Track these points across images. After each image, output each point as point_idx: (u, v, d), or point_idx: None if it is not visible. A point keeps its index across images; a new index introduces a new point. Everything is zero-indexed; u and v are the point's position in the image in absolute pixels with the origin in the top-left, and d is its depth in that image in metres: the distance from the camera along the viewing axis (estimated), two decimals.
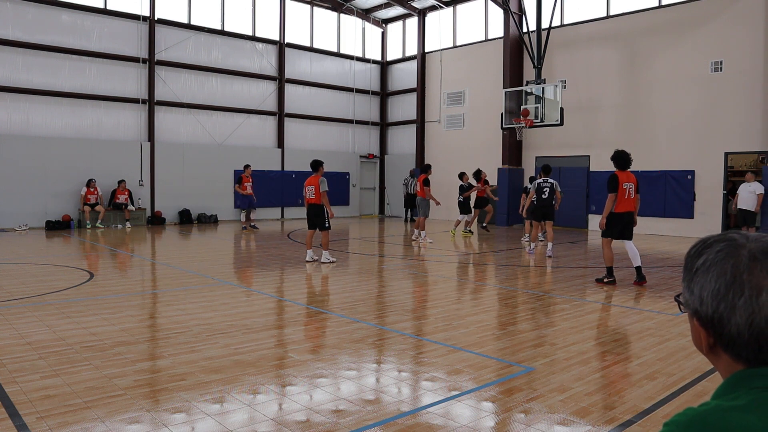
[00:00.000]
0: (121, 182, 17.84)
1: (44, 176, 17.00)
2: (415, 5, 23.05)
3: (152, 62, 18.91)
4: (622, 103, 17.66)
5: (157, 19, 19.04)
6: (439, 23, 22.98)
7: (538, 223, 12.58)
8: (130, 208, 17.99)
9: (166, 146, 19.27)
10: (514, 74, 19.82)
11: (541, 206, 12.30)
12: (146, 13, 18.79)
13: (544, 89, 17.07)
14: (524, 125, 17.11)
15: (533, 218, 12.74)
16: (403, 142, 24.84)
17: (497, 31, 20.95)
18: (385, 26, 25.36)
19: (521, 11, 19.31)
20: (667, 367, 4.77)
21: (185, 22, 19.75)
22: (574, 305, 7.31)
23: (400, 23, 24.90)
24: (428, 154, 23.33)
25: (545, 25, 17.98)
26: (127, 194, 17.97)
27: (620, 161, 8.66)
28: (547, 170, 12.53)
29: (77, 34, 17.61)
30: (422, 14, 23.48)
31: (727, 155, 15.71)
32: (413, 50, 24.22)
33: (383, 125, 25.57)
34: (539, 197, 12.31)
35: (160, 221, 18.88)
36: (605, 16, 18.22)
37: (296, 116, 22.54)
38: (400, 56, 24.98)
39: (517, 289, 8.50)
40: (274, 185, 21.53)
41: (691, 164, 16.21)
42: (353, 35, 24.41)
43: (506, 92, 18.02)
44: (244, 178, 17.97)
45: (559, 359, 4.99)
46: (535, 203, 12.47)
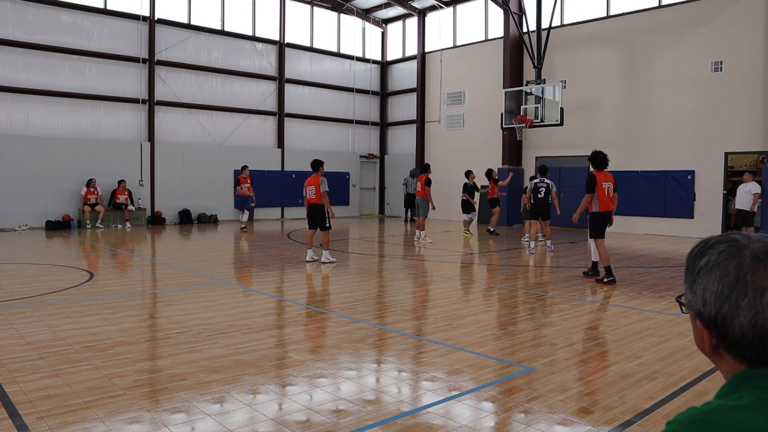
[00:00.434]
0: (121, 182, 17.84)
1: (44, 176, 16.99)
2: (415, 5, 23.04)
3: (152, 62, 18.90)
4: (622, 103, 17.65)
5: (157, 19, 19.04)
6: (439, 23, 22.97)
7: (536, 221, 12.84)
8: (130, 208, 17.98)
9: (166, 146, 19.26)
10: (514, 74, 19.81)
11: (536, 206, 12.64)
12: (146, 13, 18.78)
13: (544, 89, 17.07)
14: (524, 125, 17.13)
15: (530, 217, 13.04)
16: (403, 142, 24.84)
17: (497, 31, 20.94)
18: (385, 26, 25.35)
19: (521, 11, 19.31)
20: (667, 367, 4.77)
21: (185, 22, 19.75)
22: (574, 305, 7.31)
23: (400, 23, 24.89)
24: (428, 154, 23.32)
25: (545, 25, 17.98)
26: (127, 194, 17.96)
27: (598, 161, 8.93)
28: (543, 170, 12.85)
29: (77, 34, 17.60)
30: (422, 14, 23.47)
31: (727, 155, 15.72)
32: (413, 50, 24.21)
33: (383, 125, 25.56)
34: (535, 197, 12.66)
35: (160, 221, 18.87)
36: (605, 16, 18.21)
37: (296, 116, 22.53)
38: (400, 56, 24.98)
39: (517, 289, 8.50)
40: (274, 185, 21.52)
41: (691, 164, 16.21)
42: (353, 35, 24.40)
43: (506, 92, 18.04)
44: (241, 179, 17.94)
45: (559, 359, 4.98)
46: (532, 203, 12.76)
